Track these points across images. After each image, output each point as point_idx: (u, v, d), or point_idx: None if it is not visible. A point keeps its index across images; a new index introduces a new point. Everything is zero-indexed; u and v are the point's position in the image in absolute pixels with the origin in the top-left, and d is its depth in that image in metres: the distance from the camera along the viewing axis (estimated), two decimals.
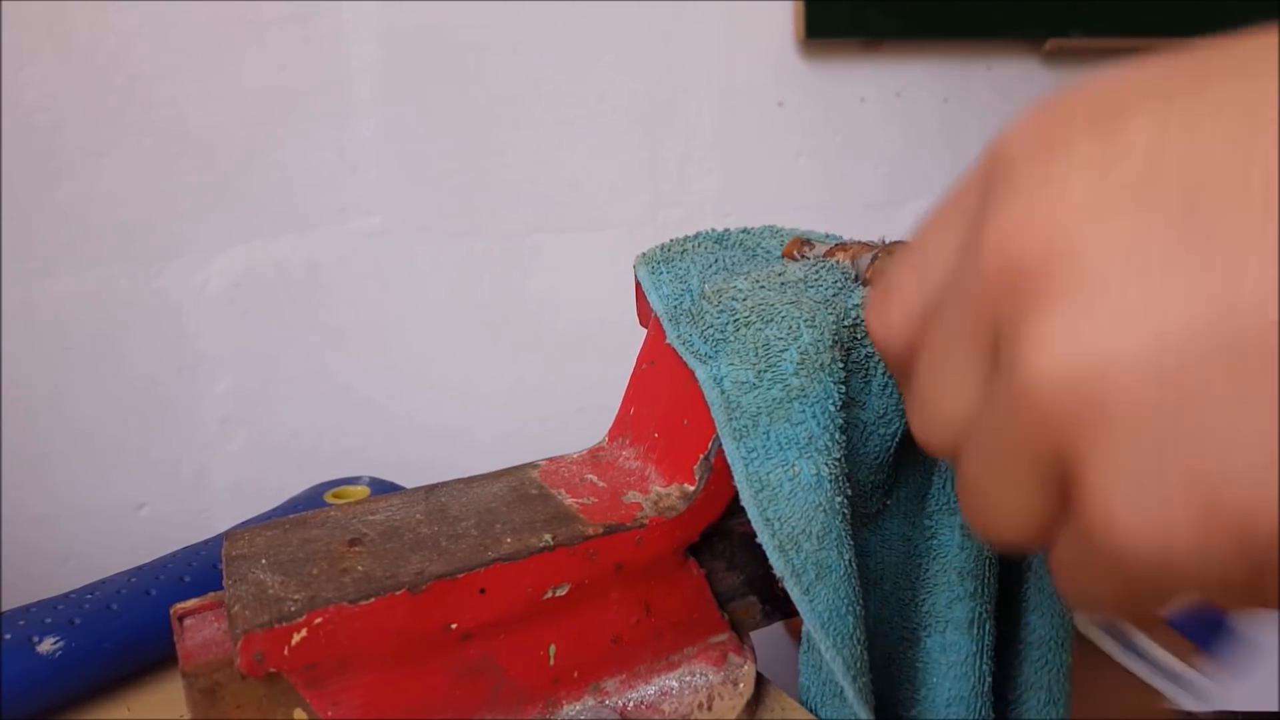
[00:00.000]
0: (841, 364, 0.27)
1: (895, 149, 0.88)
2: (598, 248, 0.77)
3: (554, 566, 0.26)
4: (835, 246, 0.31)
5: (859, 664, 0.27)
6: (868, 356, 0.28)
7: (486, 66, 0.70)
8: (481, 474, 0.32)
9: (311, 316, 0.69)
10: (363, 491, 0.46)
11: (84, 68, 0.58)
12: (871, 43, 0.84)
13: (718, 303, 0.30)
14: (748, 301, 0.29)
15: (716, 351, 0.29)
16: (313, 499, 0.46)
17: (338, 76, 0.66)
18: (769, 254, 0.35)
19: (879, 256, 0.29)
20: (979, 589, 0.31)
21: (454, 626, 0.25)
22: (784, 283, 0.29)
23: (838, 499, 0.26)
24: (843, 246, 0.31)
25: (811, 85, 0.83)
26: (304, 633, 0.23)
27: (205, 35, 0.61)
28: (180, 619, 0.26)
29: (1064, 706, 0.35)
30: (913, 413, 0.21)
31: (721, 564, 0.31)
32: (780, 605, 0.32)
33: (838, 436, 0.27)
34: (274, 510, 0.45)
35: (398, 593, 0.24)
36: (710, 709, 0.29)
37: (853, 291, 0.29)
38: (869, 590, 0.31)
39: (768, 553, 0.26)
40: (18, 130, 0.57)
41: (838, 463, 0.27)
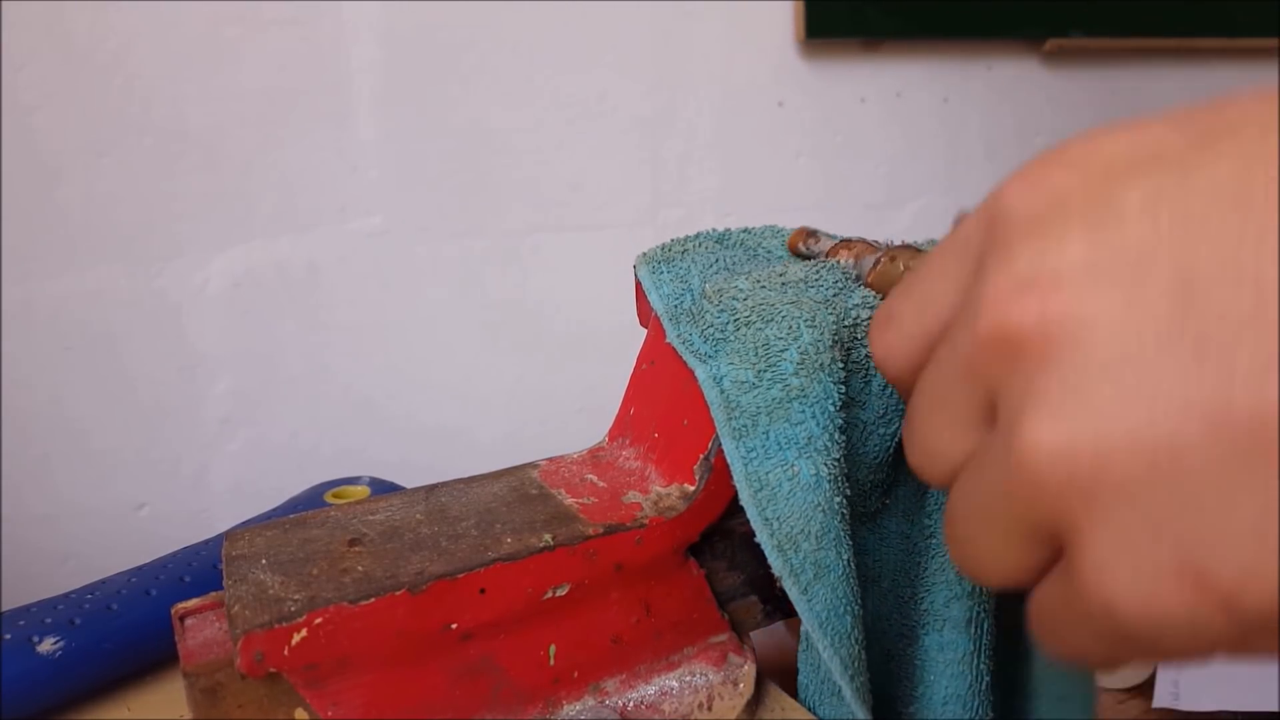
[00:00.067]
0: (841, 364, 0.27)
1: (895, 149, 0.88)
2: (598, 248, 0.77)
3: (554, 566, 0.26)
4: (839, 244, 0.31)
5: (857, 663, 0.27)
6: (868, 357, 0.28)
7: (486, 66, 0.70)
8: (481, 474, 0.32)
9: (311, 316, 0.69)
10: (363, 491, 0.46)
11: (84, 68, 0.58)
12: (871, 43, 0.84)
13: (718, 302, 0.30)
14: (748, 301, 0.29)
15: (716, 351, 0.29)
16: (313, 499, 0.46)
17: (338, 76, 0.66)
18: (770, 254, 0.35)
19: (881, 261, 0.29)
20: (977, 588, 0.31)
21: (454, 626, 0.25)
22: (785, 283, 0.29)
23: (836, 499, 0.26)
24: (847, 244, 0.31)
25: (811, 85, 0.83)
26: (304, 633, 0.23)
27: (205, 35, 0.61)
28: (181, 619, 0.26)
29: (1080, 706, 0.34)
30: (908, 437, 0.22)
31: (722, 564, 0.31)
32: (781, 605, 0.32)
33: (837, 437, 0.27)
34: (274, 510, 0.45)
35: (398, 593, 0.24)
36: (710, 709, 0.29)
37: (853, 291, 0.29)
38: (867, 588, 0.31)
39: (766, 552, 0.26)
40: (18, 130, 0.57)
41: (837, 463, 0.27)
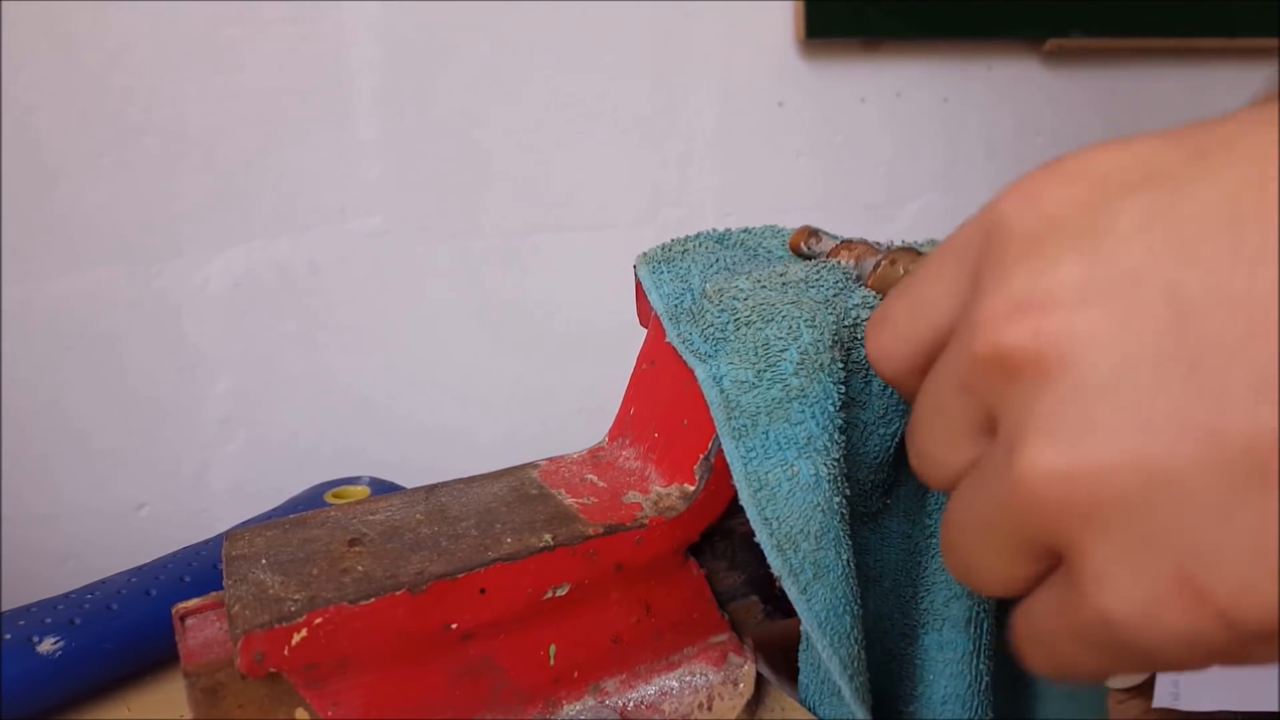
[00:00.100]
0: (841, 364, 0.27)
1: (895, 149, 0.88)
2: (598, 248, 0.77)
3: (554, 566, 0.26)
4: (840, 245, 0.31)
5: (856, 663, 0.27)
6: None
7: (486, 66, 0.70)
8: (481, 474, 0.31)
9: (311, 316, 0.69)
10: (363, 491, 0.46)
11: (84, 68, 0.58)
12: (871, 43, 0.84)
13: (719, 302, 0.30)
14: (749, 301, 0.29)
15: (717, 350, 0.29)
16: (313, 499, 0.46)
17: (338, 76, 0.66)
18: (770, 254, 0.35)
19: (881, 264, 0.29)
20: None
21: (454, 626, 0.25)
22: (785, 283, 0.29)
23: (836, 499, 0.26)
24: (848, 245, 0.31)
25: (811, 85, 0.83)
26: (304, 633, 0.23)
27: (205, 35, 0.61)
28: (182, 619, 0.26)
29: (1093, 705, 0.34)
30: (909, 440, 0.22)
31: (723, 564, 0.31)
32: (781, 605, 0.32)
33: (837, 437, 0.27)
34: (274, 510, 0.45)
35: (398, 593, 0.24)
36: (710, 709, 0.29)
37: (853, 292, 0.29)
38: (869, 588, 0.31)
39: (765, 552, 0.26)
40: (18, 130, 0.57)
41: (836, 463, 0.27)
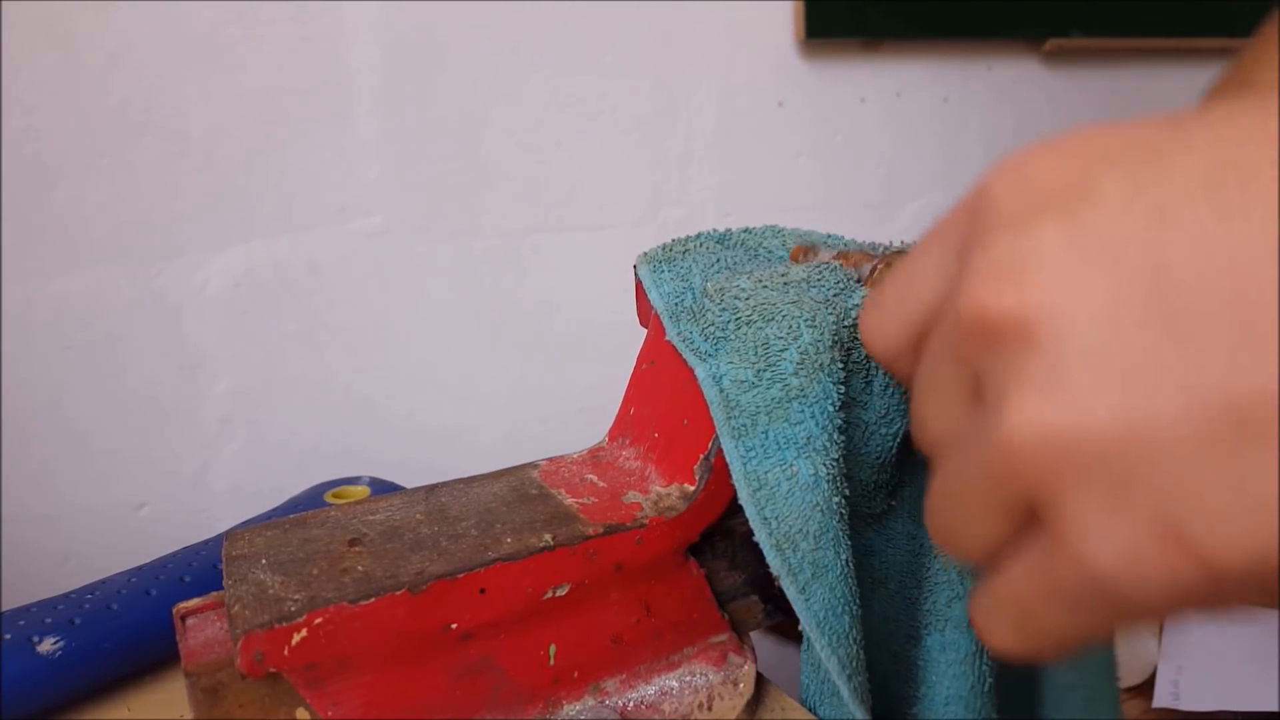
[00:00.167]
0: (841, 364, 0.27)
1: (895, 149, 0.88)
2: (598, 247, 0.77)
3: (554, 566, 0.26)
4: (838, 254, 0.31)
5: (855, 663, 0.27)
6: (868, 357, 0.28)
7: (486, 66, 0.70)
8: (481, 474, 0.32)
9: (311, 316, 0.69)
10: (363, 491, 0.46)
11: (84, 67, 0.58)
12: (871, 43, 0.84)
13: (720, 301, 0.30)
14: (750, 300, 0.29)
15: (717, 349, 0.29)
16: (313, 499, 0.46)
17: (338, 76, 0.66)
18: (770, 254, 0.35)
19: (878, 269, 0.29)
20: None
21: (454, 626, 0.25)
22: (787, 282, 0.29)
23: (835, 499, 0.26)
24: (844, 255, 0.31)
25: (811, 85, 0.83)
26: (304, 633, 0.23)
27: (205, 35, 0.61)
28: (183, 619, 0.26)
29: (1108, 705, 0.34)
30: (912, 420, 0.23)
31: (723, 563, 0.31)
32: (781, 605, 0.32)
33: (836, 437, 0.27)
34: (274, 510, 0.45)
35: (398, 593, 0.24)
36: (710, 709, 0.29)
37: (854, 292, 0.29)
38: (875, 590, 0.31)
39: (764, 551, 0.26)
40: (17, 130, 0.57)
41: (836, 463, 0.27)
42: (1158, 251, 0.16)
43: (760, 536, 0.26)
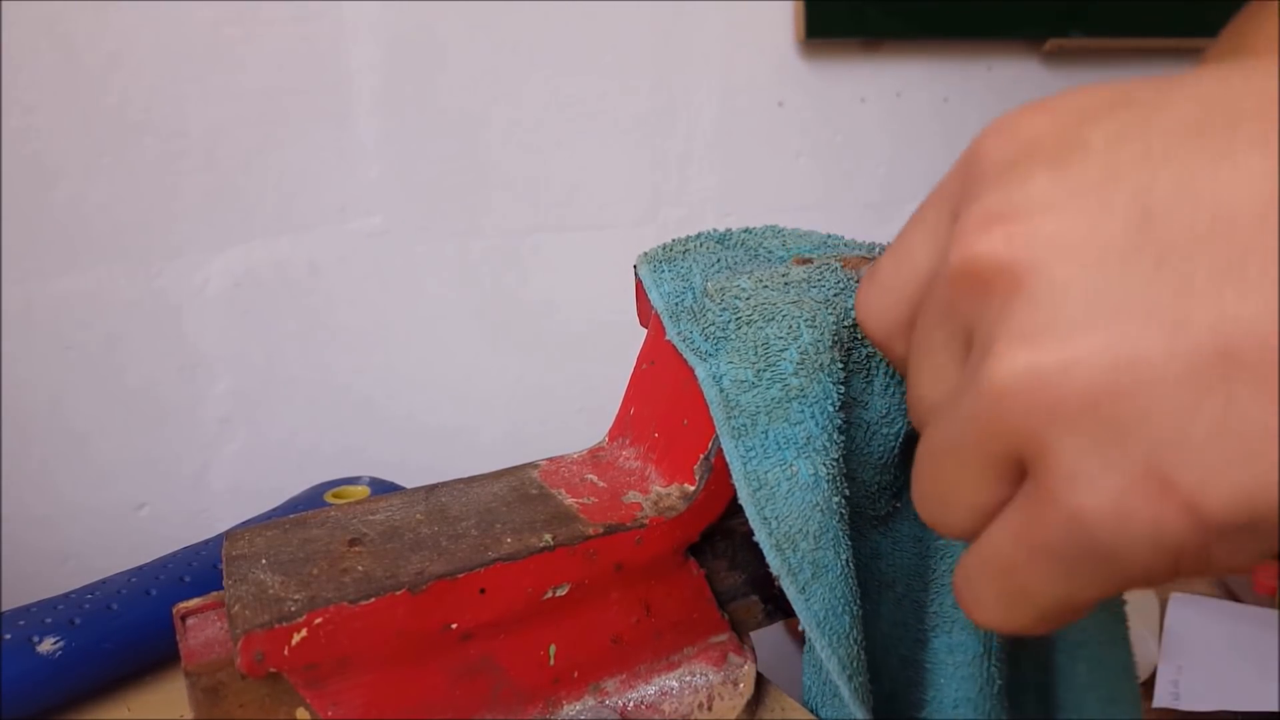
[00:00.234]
0: (841, 364, 0.27)
1: (895, 149, 0.88)
2: (598, 247, 0.77)
3: (554, 566, 0.26)
4: (838, 256, 0.31)
5: (855, 663, 0.27)
6: (869, 356, 0.28)
7: (486, 66, 0.70)
8: (481, 474, 0.31)
9: (311, 316, 0.69)
10: (363, 491, 0.46)
11: (83, 67, 0.58)
12: (871, 43, 0.84)
13: (720, 300, 0.30)
14: (750, 300, 0.29)
15: (717, 349, 0.29)
16: (313, 499, 0.46)
17: (338, 76, 0.66)
18: (771, 254, 0.35)
19: (871, 266, 0.29)
20: None
21: (454, 626, 0.25)
22: (788, 282, 0.29)
23: (835, 499, 0.26)
24: (844, 257, 0.31)
25: (811, 85, 0.83)
26: (304, 633, 0.23)
27: (205, 35, 0.61)
28: (183, 618, 0.26)
29: (1128, 706, 0.34)
30: (907, 392, 0.22)
31: (723, 563, 0.31)
32: (782, 605, 0.32)
33: (836, 437, 0.27)
34: (274, 510, 0.45)
35: (398, 593, 0.24)
36: (710, 709, 0.29)
37: (854, 292, 0.29)
38: (882, 593, 0.31)
39: (764, 551, 0.26)
40: (17, 130, 0.57)
41: (836, 463, 0.27)
42: (1146, 192, 0.16)
43: (760, 536, 0.26)
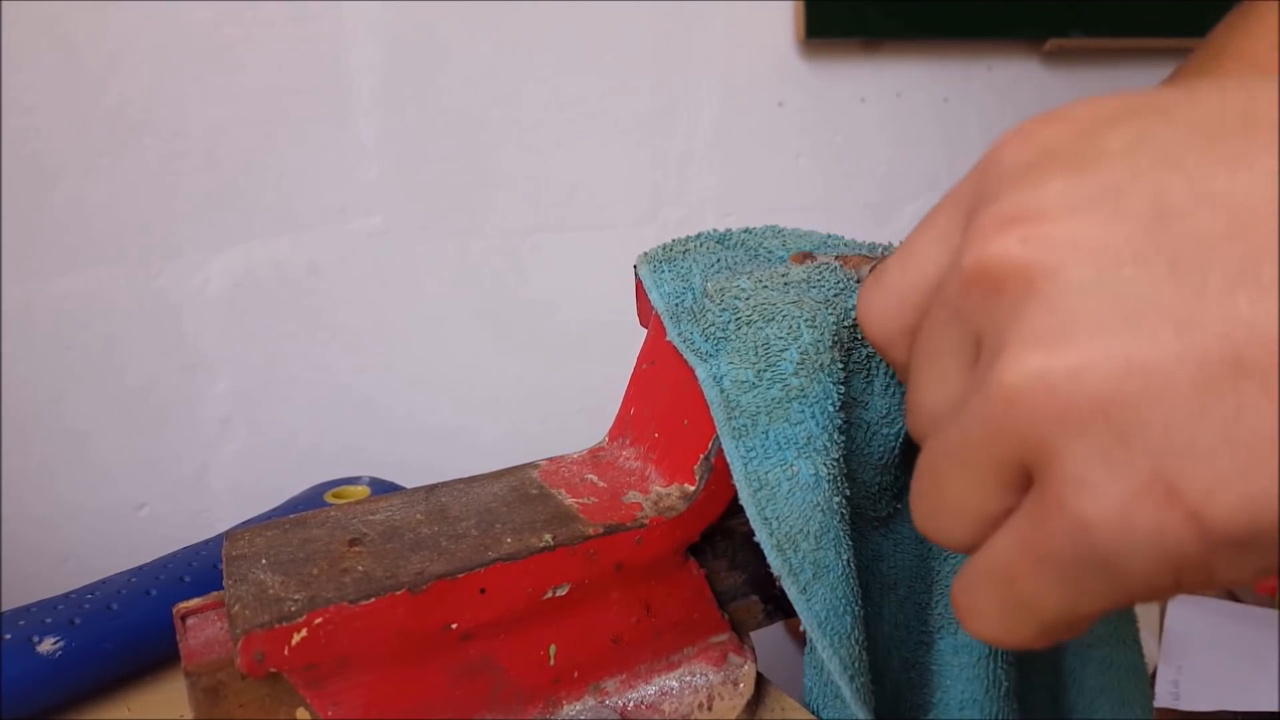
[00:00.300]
0: (842, 364, 0.27)
1: (895, 149, 0.88)
2: (598, 247, 0.77)
3: (554, 566, 0.26)
4: (838, 256, 0.31)
5: (856, 664, 0.27)
6: (869, 357, 0.28)
7: (486, 66, 0.70)
8: (481, 474, 0.31)
9: (311, 316, 0.69)
10: (363, 491, 0.46)
11: (83, 67, 0.58)
12: (871, 43, 0.84)
13: (720, 301, 0.30)
14: (750, 300, 0.29)
15: (717, 350, 0.29)
16: (313, 499, 0.46)
17: (338, 76, 0.66)
18: (771, 254, 0.35)
19: (876, 269, 0.29)
20: None
21: (454, 626, 0.25)
22: (788, 282, 0.29)
23: (836, 499, 0.26)
24: (844, 257, 0.31)
25: (811, 85, 0.83)
26: (304, 633, 0.23)
27: (205, 35, 0.61)
28: (183, 618, 0.26)
29: (1141, 707, 0.34)
30: (907, 400, 0.22)
31: (724, 563, 0.31)
32: (782, 605, 0.32)
33: (836, 437, 0.27)
34: (274, 510, 0.45)
35: (398, 593, 0.24)
36: (710, 709, 0.29)
37: (854, 292, 0.29)
38: (885, 595, 0.31)
39: (765, 551, 0.26)
40: (17, 130, 0.57)
41: (836, 463, 0.27)
42: (1161, 196, 0.16)
43: (761, 537, 0.26)
